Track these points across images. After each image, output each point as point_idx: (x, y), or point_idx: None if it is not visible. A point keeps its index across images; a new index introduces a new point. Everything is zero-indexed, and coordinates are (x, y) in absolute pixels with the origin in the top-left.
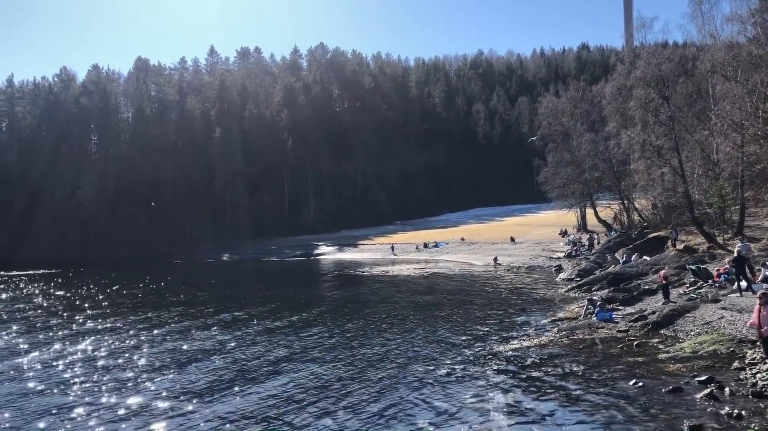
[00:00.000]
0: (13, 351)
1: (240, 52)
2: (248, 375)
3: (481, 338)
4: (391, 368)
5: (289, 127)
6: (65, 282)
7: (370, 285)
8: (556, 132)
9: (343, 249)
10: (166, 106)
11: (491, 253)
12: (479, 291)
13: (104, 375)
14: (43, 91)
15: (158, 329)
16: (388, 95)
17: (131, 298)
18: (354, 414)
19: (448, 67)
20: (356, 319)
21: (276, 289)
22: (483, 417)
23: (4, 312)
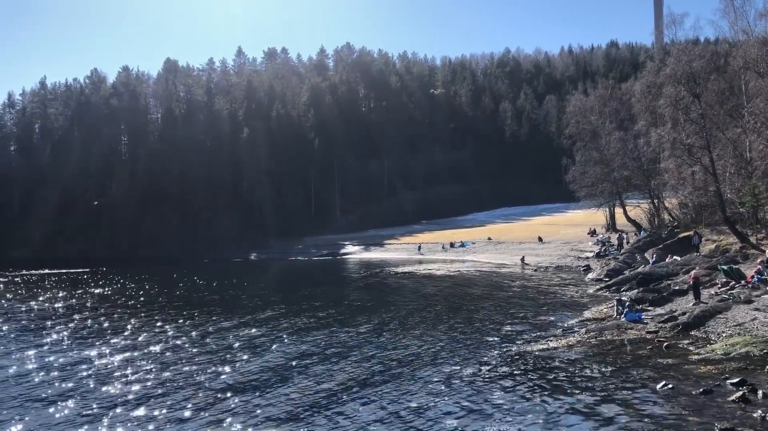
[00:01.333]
0: (59, 349)
1: (267, 52)
2: (280, 373)
3: (508, 338)
4: (418, 367)
5: (316, 127)
6: (100, 281)
7: (396, 285)
8: (585, 130)
9: (370, 248)
10: (195, 107)
11: (518, 253)
12: (506, 291)
13: (152, 372)
14: (74, 92)
15: (200, 327)
16: (414, 94)
17: (168, 297)
18: (380, 412)
19: (475, 66)
20: (383, 319)
21: (304, 289)
22: (510, 417)
23: (46, 312)
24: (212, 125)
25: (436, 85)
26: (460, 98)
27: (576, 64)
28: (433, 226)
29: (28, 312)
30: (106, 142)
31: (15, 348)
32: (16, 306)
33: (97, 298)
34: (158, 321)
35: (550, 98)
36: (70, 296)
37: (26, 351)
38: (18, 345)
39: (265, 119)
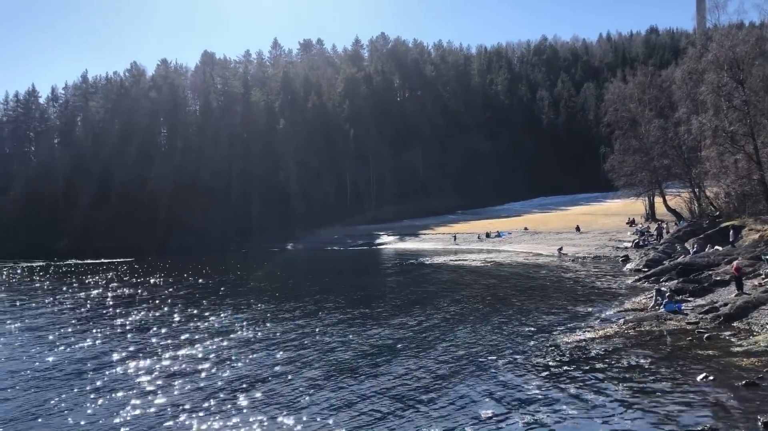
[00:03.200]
0: (108, 337)
1: (302, 44)
2: (314, 366)
3: (545, 329)
4: (453, 357)
5: (351, 118)
6: (142, 271)
7: (431, 275)
8: (623, 118)
9: (405, 238)
10: (232, 99)
11: (556, 243)
12: (543, 282)
13: (204, 359)
14: (114, 85)
15: (259, 316)
16: (449, 83)
17: (211, 287)
18: (415, 401)
19: (511, 54)
20: (418, 309)
21: (341, 278)
22: (545, 408)
23: (95, 301)
24: (249, 117)
25: (472, 73)
26: (496, 87)
27: (614, 51)
28: (469, 216)
29: (89, 301)
30: (146, 133)
31: (86, 337)
32: (76, 295)
33: (150, 287)
34: (203, 310)
35: (588, 86)
36: (125, 285)
37: (109, 342)
38: (95, 334)
39: (301, 110)
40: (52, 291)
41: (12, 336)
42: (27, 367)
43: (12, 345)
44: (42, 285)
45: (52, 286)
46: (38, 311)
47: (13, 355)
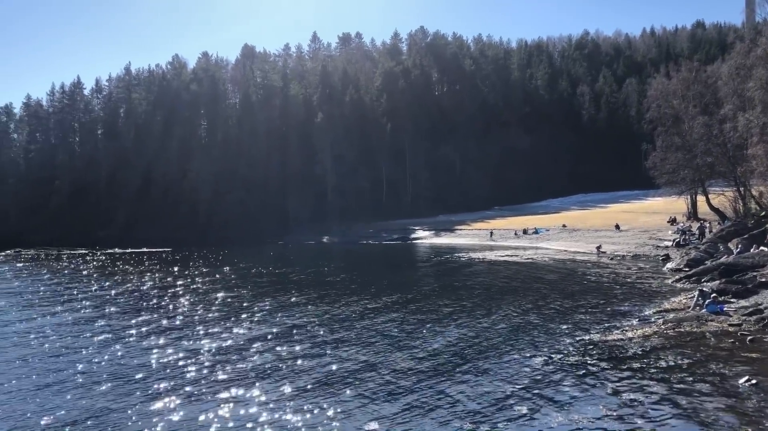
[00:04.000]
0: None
1: (341, 37)
2: (346, 357)
3: (582, 327)
4: (488, 355)
5: (388, 112)
6: (182, 261)
7: (466, 271)
8: (666, 115)
9: (440, 233)
10: (271, 92)
11: (594, 241)
12: (580, 280)
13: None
14: (156, 78)
15: (289, 310)
16: (488, 78)
17: (253, 279)
18: (448, 397)
19: (552, 49)
20: (454, 305)
21: (377, 273)
22: (581, 406)
23: (141, 289)
24: (287, 110)
25: (512, 68)
26: (536, 81)
27: (658, 46)
28: (506, 212)
29: (134, 289)
30: (186, 126)
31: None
32: (121, 283)
33: (193, 277)
34: (266, 302)
35: (630, 81)
36: (167, 275)
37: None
38: (146, 321)
39: (338, 104)
40: (98, 279)
41: (62, 321)
42: (73, 353)
43: (63, 330)
44: (88, 273)
45: (97, 274)
46: (85, 297)
47: (63, 340)
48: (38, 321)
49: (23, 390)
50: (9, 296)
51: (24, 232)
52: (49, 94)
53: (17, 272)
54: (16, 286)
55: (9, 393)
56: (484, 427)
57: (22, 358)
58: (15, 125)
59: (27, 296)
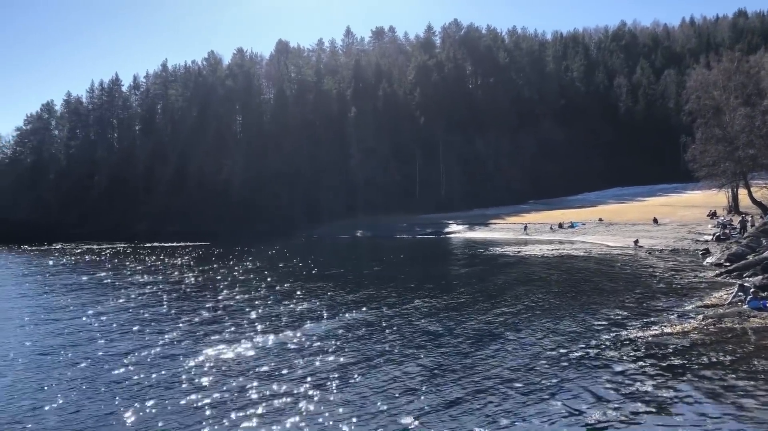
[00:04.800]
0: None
1: (375, 31)
2: (386, 353)
3: (618, 323)
4: (522, 350)
5: (422, 105)
6: (219, 254)
7: (502, 265)
8: (706, 106)
9: (474, 228)
10: (305, 87)
11: (631, 235)
12: (617, 274)
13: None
14: (192, 74)
15: (329, 304)
16: (523, 71)
17: (289, 272)
18: (483, 394)
19: (588, 40)
20: (489, 300)
21: (412, 267)
22: (619, 405)
23: (181, 282)
24: (321, 105)
25: (547, 60)
26: (571, 74)
27: (698, 36)
28: (541, 206)
29: (175, 282)
30: (222, 121)
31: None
32: (163, 276)
33: (231, 271)
34: (304, 296)
35: (669, 73)
36: (206, 268)
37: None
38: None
39: (372, 98)
40: (140, 272)
41: (106, 313)
42: (118, 343)
43: (107, 322)
44: (129, 266)
45: (142, 268)
46: (129, 290)
47: (109, 333)
48: (99, 315)
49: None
50: (60, 291)
51: (65, 226)
52: (89, 91)
53: (65, 266)
54: (67, 281)
55: (63, 384)
56: (519, 422)
57: (77, 349)
58: (56, 122)
59: (79, 290)
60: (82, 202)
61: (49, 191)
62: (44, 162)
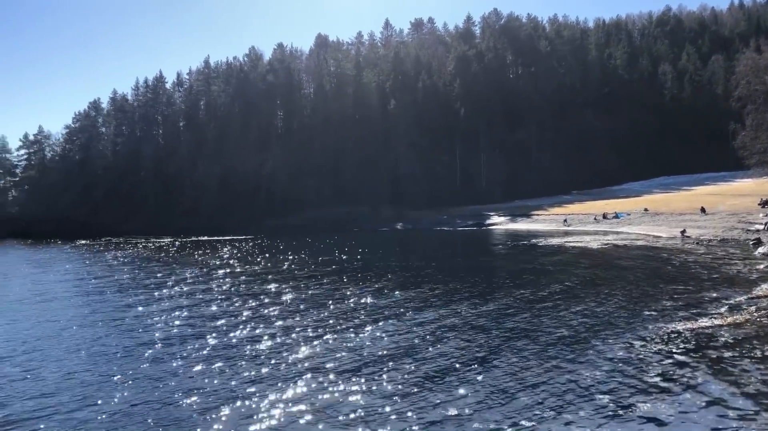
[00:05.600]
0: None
1: (413, 23)
2: (421, 346)
3: (665, 315)
4: (567, 341)
5: (462, 96)
6: (264, 248)
7: (545, 257)
8: (757, 92)
9: (516, 219)
10: (344, 81)
11: (678, 225)
12: (663, 265)
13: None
14: (234, 70)
15: (377, 295)
16: (564, 59)
17: (336, 265)
18: (526, 386)
19: (632, 27)
20: (532, 290)
21: (455, 259)
22: (667, 399)
23: (233, 275)
24: (360, 98)
25: (589, 48)
26: (614, 61)
27: (748, 19)
28: (584, 197)
29: (228, 275)
30: (263, 116)
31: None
32: (217, 270)
33: (278, 264)
34: (355, 289)
35: (717, 58)
36: (255, 262)
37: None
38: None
39: (411, 90)
40: (191, 265)
41: (182, 309)
42: (180, 335)
43: (182, 317)
44: (181, 260)
45: (191, 262)
46: (185, 283)
47: (169, 325)
48: (157, 307)
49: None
50: (116, 283)
51: (111, 221)
52: (134, 89)
53: (118, 260)
54: (122, 274)
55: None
56: (566, 415)
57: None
58: (103, 119)
59: (133, 282)
60: (128, 198)
61: (96, 187)
62: (92, 158)
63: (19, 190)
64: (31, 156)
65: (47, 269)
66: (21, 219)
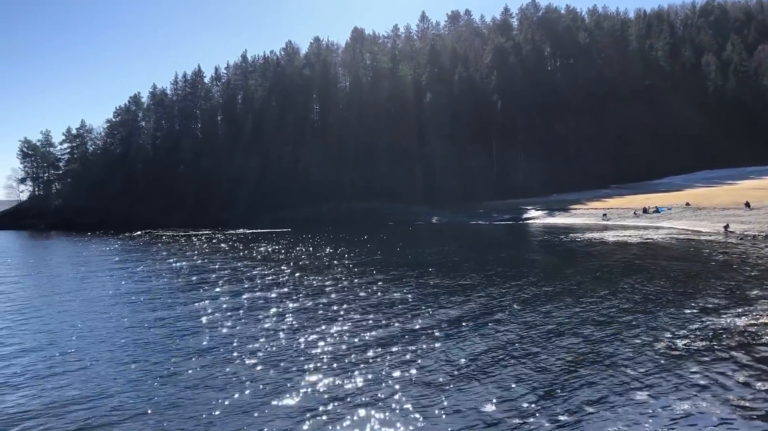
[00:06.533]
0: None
1: (450, 15)
2: (443, 339)
3: (709, 311)
4: (609, 338)
5: (498, 89)
6: (303, 241)
7: (585, 252)
8: None
9: (553, 213)
10: (380, 74)
11: (721, 220)
12: (706, 261)
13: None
14: (271, 64)
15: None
16: (604, 51)
17: (373, 258)
18: (568, 383)
19: (673, 17)
20: (574, 287)
21: (492, 253)
22: (709, 398)
23: (278, 267)
24: (396, 91)
25: (630, 39)
26: (656, 52)
27: None
28: (624, 191)
29: (273, 267)
30: (300, 110)
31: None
32: (259, 262)
33: (319, 256)
34: (398, 281)
35: (764, 48)
36: (296, 254)
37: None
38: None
39: (447, 83)
40: (239, 258)
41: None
42: (230, 327)
43: (244, 308)
44: (227, 253)
45: (233, 253)
46: (232, 273)
47: (243, 320)
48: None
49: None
50: (166, 276)
51: (152, 214)
52: (173, 83)
53: (156, 251)
54: (160, 266)
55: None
56: (605, 411)
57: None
58: (143, 113)
59: (176, 275)
60: (167, 190)
61: (136, 180)
62: (132, 152)
63: (62, 183)
64: (73, 150)
65: (97, 262)
66: (64, 212)
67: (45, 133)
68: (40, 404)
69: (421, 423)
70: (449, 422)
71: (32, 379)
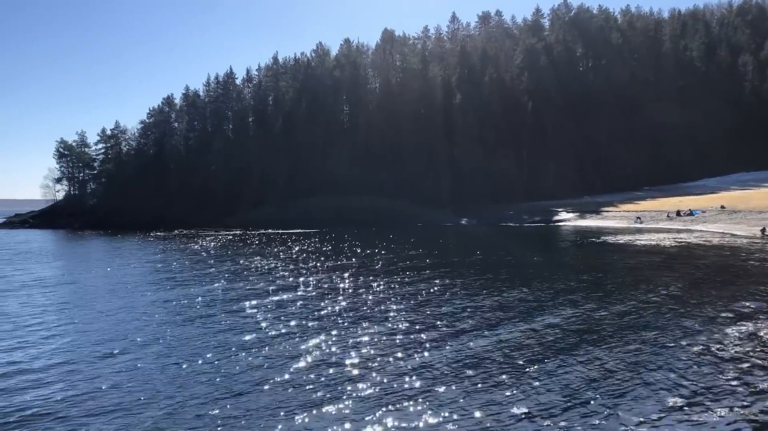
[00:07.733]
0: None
1: (481, 16)
2: (482, 337)
3: (744, 316)
4: (641, 342)
5: (529, 90)
6: (334, 241)
7: (616, 256)
8: None
9: (585, 216)
10: (410, 75)
11: (758, 223)
12: (742, 265)
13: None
14: (302, 66)
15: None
16: (637, 51)
17: (406, 259)
18: (601, 388)
19: (709, 17)
20: (606, 291)
21: (521, 256)
22: (744, 403)
23: (308, 267)
24: (426, 92)
25: (663, 39)
26: (690, 53)
27: None
28: (657, 193)
29: (309, 267)
30: (330, 111)
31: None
32: (300, 262)
33: (352, 256)
34: (430, 283)
35: None
36: (328, 254)
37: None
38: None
39: (478, 84)
40: (276, 256)
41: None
42: (269, 325)
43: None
44: (259, 251)
45: (269, 251)
46: (267, 271)
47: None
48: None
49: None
50: (210, 273)
51: (184, 214)
52: (205, 85)
53: (200, 252)
54: (208, 266)
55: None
56: (635, 415)
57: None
58: (176, 114)
59: (230, 270)
60: (199, 191)
61: (169, 180)
62: (165, 153)
63: (97, 183)
64: (108, 150)
65: (135, 260)
66: (98, 211)
67: (80, 134)
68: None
69: (460, 420)
70: (485, 419)
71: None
